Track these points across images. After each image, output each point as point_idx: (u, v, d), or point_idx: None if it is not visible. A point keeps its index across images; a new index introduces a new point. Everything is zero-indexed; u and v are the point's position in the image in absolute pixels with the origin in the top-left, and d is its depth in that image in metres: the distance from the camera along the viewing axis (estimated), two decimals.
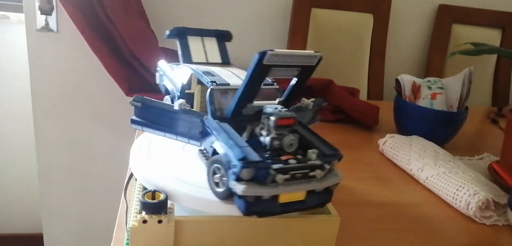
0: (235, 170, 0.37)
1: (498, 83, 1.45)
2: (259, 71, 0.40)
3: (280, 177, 0.38)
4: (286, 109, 0.43)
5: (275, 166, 0.38)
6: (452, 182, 0.65)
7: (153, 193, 0.42)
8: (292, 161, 0.40)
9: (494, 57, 1.45)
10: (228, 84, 0.47)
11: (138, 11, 1.12)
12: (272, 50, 0.39)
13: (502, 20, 1.41)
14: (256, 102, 0.45)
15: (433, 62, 1.40)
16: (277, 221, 0.44)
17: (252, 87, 0.42)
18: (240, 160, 0.37)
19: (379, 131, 0.96)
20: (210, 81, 0.46)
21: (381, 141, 0.83)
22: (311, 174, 0.40)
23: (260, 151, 0.40)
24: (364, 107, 0.98)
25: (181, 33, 0.57)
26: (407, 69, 1.45)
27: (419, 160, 0.72)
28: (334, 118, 0.99)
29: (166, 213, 0.42)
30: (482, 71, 1.43)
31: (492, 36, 1.42)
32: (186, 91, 0.51)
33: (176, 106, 0.46)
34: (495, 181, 0.70)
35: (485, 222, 0.60)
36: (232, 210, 0.42)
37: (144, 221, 0.40)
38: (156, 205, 0.41)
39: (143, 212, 0.41)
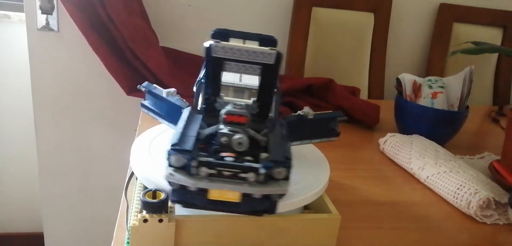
0: (167, 155, 0.37)
1: (499, 82, 1.45)
2: (213, 63, 0.41)
3: (203, 170, 0.37)
4: (243, 105, 0.41)
5: (202, 159, 0.37)
6: (453, 181, 0.65)
7: (154, 192, 0.42)
8: (229, 159, 0.38)
9: (495, 56, 1.44)
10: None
11: (139, 10, 1.12)
12: (219, 42, 0.39)
13: (503, 19, 1.41)
14: (227, 98, 0.45)
15: (434, 61, 1.40)
16: (277, 221, 0.44)
17: (212, 80, 0.43)
18: (172, 145, 0.37)
19: (380, 130, 0.96)
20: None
21: (381, 140, 0.83)
22: (242, 175, 0.38)
23: (211, 145, 0.40)
24: (364, 106, 0.98)
25: (224, 35, 0.58)
26: (408, 68, 1.45)
27: (419, 159, 0.72)
28: None
29: (167, 212, 0.42)
30: (483, 70, 1.43)
31: (493, 35, 1.41)
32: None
33: (163, 93, 0.48)
34: (496, 180, 0.70)
35: (486, 221, 0.60)
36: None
37: (145, 220, 0.40)
38: (156, 204, 0.41)
39: (144, 211, 0.41)
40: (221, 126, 0.40)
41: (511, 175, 0.69)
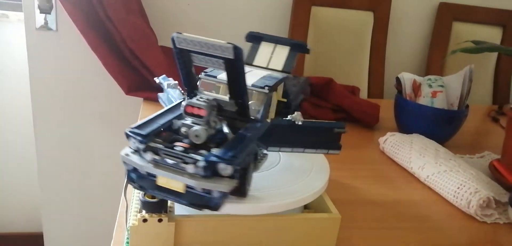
0: (126, 136, 0.40)
1: (498, 81, 1.45)
2: (180, 54, 0.41)
3: (148, 155, 0.38)
4: (205, 97, 0.42)
5: (151, 144, 0.39)
6: (453, 180, 0.65)
7: None
8: (178, 148, 0.38)
9: (494, 55, 1.44)
10: (215, 77, 0.49)
11: (138, 9, 1.12)
12: (181, 33, 0.40)
13: (503, 18, 1.41)
14: (207, 93, 0.46)
15: (434, 60, 1.40)
16: (278, 220, 0.44)
17: (185, 72, 0.43)
18: (131, 128, 0.39)
19: (380, 129, 0.96)
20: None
21: (381, 139, 0.83)
22: (182, 165, 0.38)
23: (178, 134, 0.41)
24: (364, 105, 0.98)
25: (257, 38, 0.60)
26: (408, 67, 1.44)
27: (419, 158, 0.72)
28: (334, 117, 0.99)
29: (166, 212, 0.42)
30: (483, 69, 1.43)
31: (492, 34, 1.41)
32: None
33: (164, 85, 0.52)
34: (496, 179, 0.70)
35: (486, 220, 0.60)
36: (232, 209, 0.42)
37: (145, 220, 0.40)
38: (156, 204, 0.41)
39: (143, 211, 0.41)
40: (187, 118, 0.41)
41: (511, 174, 0.69)
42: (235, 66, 0.40)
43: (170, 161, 0.38)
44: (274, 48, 0.59)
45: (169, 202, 0.43)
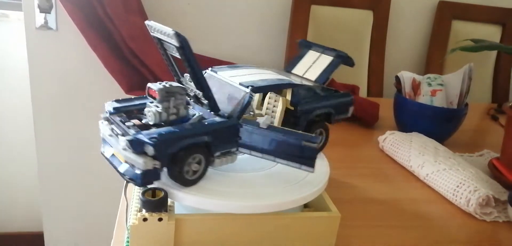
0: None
1: (498, 80, 1.45)
2: (159, 44, 0.45)
3: (103, 126, 0.45)
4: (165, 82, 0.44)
5: (113, 118, 0.45)
6: (453, 178, 0.65)
7: (153, 191, 0.42)
8: (129, 124, 0.44)
9: (494, 53, 1.44)
10: (216, 72, 0.51)
11: (138, 8, 1.12)
12: (150, 21, 0.43)
13: (502, 16, 1.41)
14: (189, 83, 0.47)
15: (433, 59, 1.40)
16: (278, 218, 0.44)
17: (169, 61, 0.47)
18: (113, 101, 0.48)
19: (379, 128, 0.96)
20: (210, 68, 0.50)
21: (381, 138, 0.83)
22: (120, 137, 0.41)
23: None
24: (364, 104, 0.98)
25: (307, 46, 0.60)
26: (407, 66, 1.45)
27: (419, 156, 0.72)
28: None
29: (167, 211, 0.42)
30: (482, 68, 1.43)
31: (492, 33, 1.41)
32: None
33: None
34: (495, 177, 0.70)
35: (485, 219, 0.60)
36: (232, 208, 0.42)
37: (145, 219, 0.40)
38: (156, 203, 0.41)
39: (144, 210, 0.41)
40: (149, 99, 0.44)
41: (510, 172, 0.69)
42: (184, 54, 0.42)
43: (117, 131, 0.43)
44: (319, 57, 0.58)
45: (169, 201, 0.43)
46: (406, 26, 1.42)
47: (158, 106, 0.43)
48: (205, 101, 0.45)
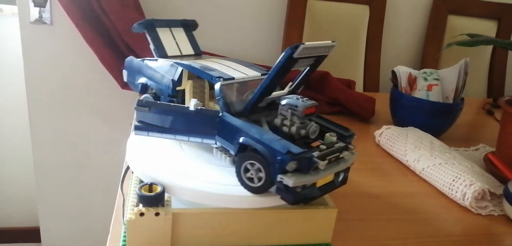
0: (282, 163, 0.38)
1: (493, 75, 1.46)
2: (287, 64, 0.41)
3: (322, 164, 0.40)
4: (306, 98, 0.43)
5: (315, 154, 0.40)
6: (448, 172, 0.65)
7: (150, 186, 0.42)
8: (323, 147, 0.42)
9: (489, 48, 1.45)
10: (233, 78, 0.47)
11: (133, 2, 1.11)
12: (304, 44, 0.40)
13: (498, 11, 1.41)
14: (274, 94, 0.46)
15: (429, 54, 1.40)
16: (274, 213, 0.44)
17: (276, 81, 0.43)
18: (286, 153, 0.38)
19: (375, 123, 0.96)
20: (216, 77, 0.46)
21: (377, 132, 0.83)
22: (341, 156, 0.43)
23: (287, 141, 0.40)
24: (360, 99, 0.98)
25: (151, 26, 0.57)
26: (403, 60, 1.45)
27: (415, 151, 0.72)
28: (330, 110, 0.99)
29: (163, 206, 0.42)
30: (478, 63, 1.44)
31: (488, 27, 1.42)
32: (177, 88, 0.51)
33: (191, 106, 0.45)
34: (491, 171, 0.70)
35: (481, 212, 0.60)
36: (229, 202, 0.42)
37: (141, 214, 0.40)
38: (153, 198, 0.41)
39: (140, 205, 0.41)
40: (289, 121, 0.42)
41: (505, 166, 0.70)
42: (322, 59, 0.45)
43: (333, 159, 0.42)
44: (172, 32, 0.60)
45: (166, 196, 0.43)
46: (402, 21, 1.42)
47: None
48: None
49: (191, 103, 0.45)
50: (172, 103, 0.47)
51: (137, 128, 0.48)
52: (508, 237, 0.56)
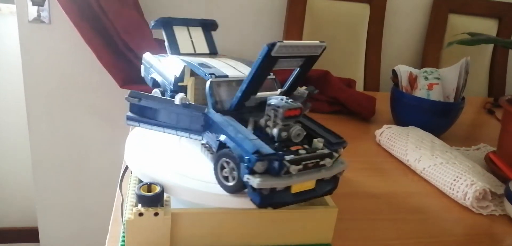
0: (249, 163, 0.37)
1: (494, 74, 1.45)
2: (267, 63, 0.40)
3: (293, 168, 0.38)
4: (291, 99, 0.41)
5: (288, 157, 0.38)
6: (449, 172, 0.65)
7: (149, 186, 0.41)
8: (302, 151, 0.40)
9: (490, 47, 1.45)
10: (227, 76, 0.46)
11: (132, 1, 1.10)
12: (281, 41, 0.39)
13: (499, 10, 1.41)
14: (259, 94, 0.44)
15: (430, 53, 1.40)
16: (274, 213, 0.44)
17: (258, 79, 0.42)
18: (253, 153, 0.36)
19: (376, 122, 0.96)
20: (209, 74, 0.45)
21: (377, 132, 0.83)
22: (321, 163, 0.40)
23: (267, 142, 0.39)
24: (360, 98, 0.98)
25: (167, 23, 0.57)
26: (404, 59, 1.45)
27: (416, 150, 0.72)
28: (330, 109, 0.99)
29: (162, 206, 0.41)
30: (479, 62, 1.43)
31: (488, 26, 1.42)
32: (179, 84, 0.51)
33: (177, 100, 0.45)
34: (492, 171, 0.70)
35: (482, 212, 0.60)
36: (228, 202, 0.42)
37: (140, 214, 0.40)
38: (152, 198, 0.40)
39: (139, 205, 0.41)
40: (272, 123, 0.40)
41: (507, 166, 0.69)
42: (313, 60, 0.44)
43: (311, 165, 0.40)
44: (189, 31, 0.59)
45: (165, 196, 0.43)
46: (402, 20, 1.42)
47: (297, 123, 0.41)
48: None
49: (177, 98, 0.45)
50: (160, 96, 0.48)
51: (128, 118, 0.48)
52: (510, 237, 0.56)
